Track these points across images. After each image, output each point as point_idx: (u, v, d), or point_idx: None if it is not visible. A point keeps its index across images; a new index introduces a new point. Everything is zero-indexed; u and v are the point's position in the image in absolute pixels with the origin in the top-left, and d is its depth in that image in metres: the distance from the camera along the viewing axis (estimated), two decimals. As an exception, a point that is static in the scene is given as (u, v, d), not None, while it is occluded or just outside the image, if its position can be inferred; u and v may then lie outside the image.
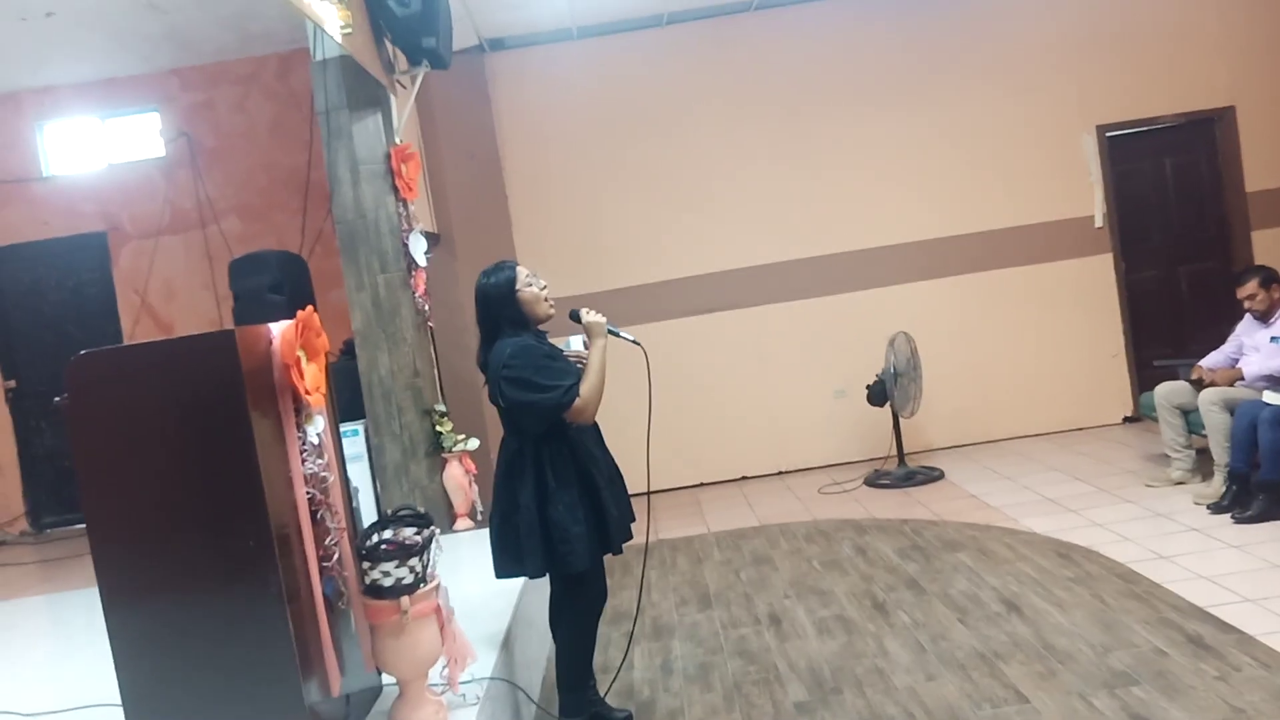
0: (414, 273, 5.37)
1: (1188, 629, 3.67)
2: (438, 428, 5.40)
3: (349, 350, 5.68)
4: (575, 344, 3.28)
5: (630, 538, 3.27)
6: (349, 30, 4.14)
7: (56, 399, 2.58)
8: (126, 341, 7.45)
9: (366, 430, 5.48)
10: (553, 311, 3.22)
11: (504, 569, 3.19)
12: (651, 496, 6.74)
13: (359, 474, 5.53)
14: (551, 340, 3.28)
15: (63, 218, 7.42)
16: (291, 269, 5.97)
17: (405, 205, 5.36)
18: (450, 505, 5.41)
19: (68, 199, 7.43)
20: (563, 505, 3.05)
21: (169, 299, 7.51)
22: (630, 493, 3.32)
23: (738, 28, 7.21)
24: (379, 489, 5.46)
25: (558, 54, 7.18)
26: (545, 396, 3.02)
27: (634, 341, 3.34)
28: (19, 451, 7.63)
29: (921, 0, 7.21)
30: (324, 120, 5.26)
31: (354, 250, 5.34)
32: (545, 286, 3.21)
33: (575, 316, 3.26)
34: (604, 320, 3.23)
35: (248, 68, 7.33)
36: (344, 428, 5.54)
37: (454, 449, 5.39)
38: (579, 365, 3.16)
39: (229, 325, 6.69)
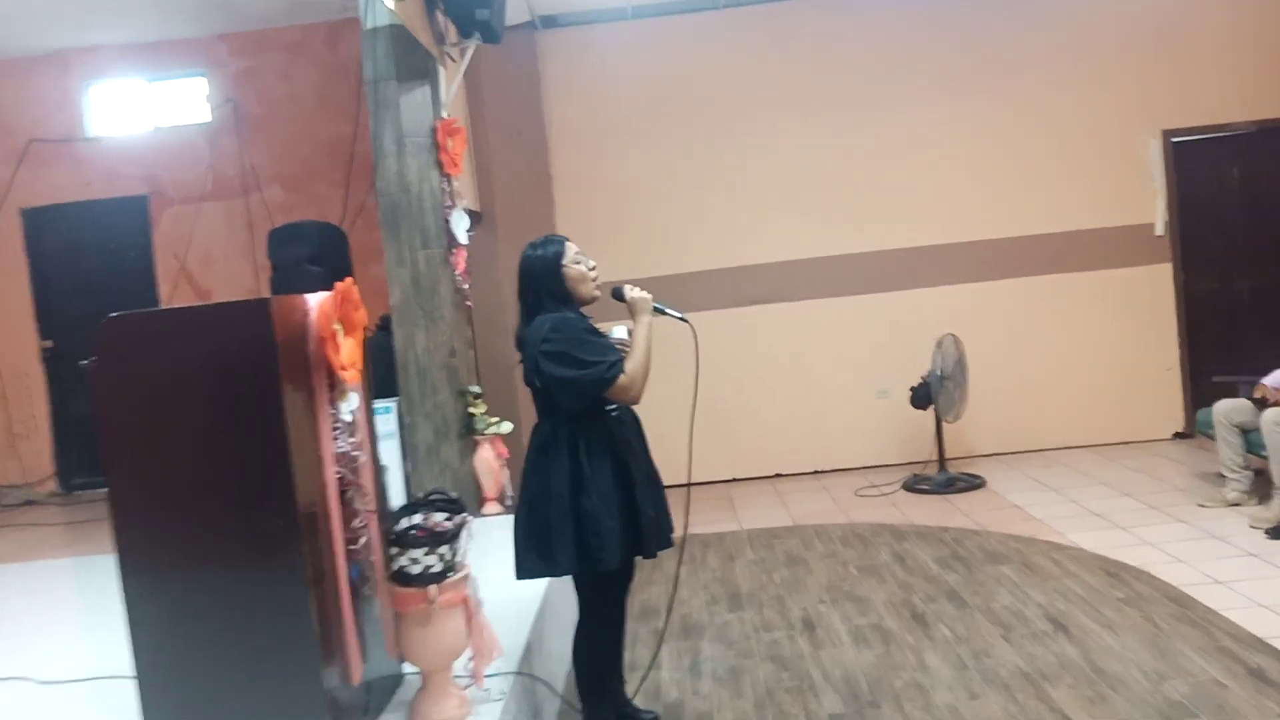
0: (455, 250, 5.26)
1: (1248, 661, 3.48)
2: (471, 409, 5.30)
3: (385, 326, 5.59)
4: (619, 332, 3.11)
5: (668, 545, 3.06)
6: (400, -3, 4.02)
7: (83, 361, 2.50)
8: (163, 307, 7.43)
9: (399, 408, 5.39)
10: (598, 294, 3.07)
11: (528, 567, 2.98)
12: (692, 491, 6.65)
13: (390, 452, 5.44)
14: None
15: (105, 179, 7.39)
16: (331, 240, 5.89)
17: (449, 181, 5.25)
18: (480, 489, 5.31)
19: (111, 161, 7.40)
20: (596, 495, 2.87)
21: (208, 266, 7.47)
22: (669, 483, 3.15)
23: (795, 14, 7.03)
24: (409, 469, 5.37)
25: (611, 33, 7.03)
26: (587, 373, 2.84)
27: (682, 318, 3.16)
28: (53, 412, 7.64)
29: (989, -10, 6.98)
30: (371, 90, 5.15)
31: (396, 225, 5.23)
32: (594, 267, 3.06)
33: (618, 294, 3.10)
34: (649, 296, 3.07)
35: (296, 35, 7.25)
36: (376, 405, 5.46)
37: (486, 431, 5.29)
38: (622, 352, 3.00)
39: (266, 295, 6.64)
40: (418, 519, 2.93)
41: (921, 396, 6.36)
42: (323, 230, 5.89)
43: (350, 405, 2.79)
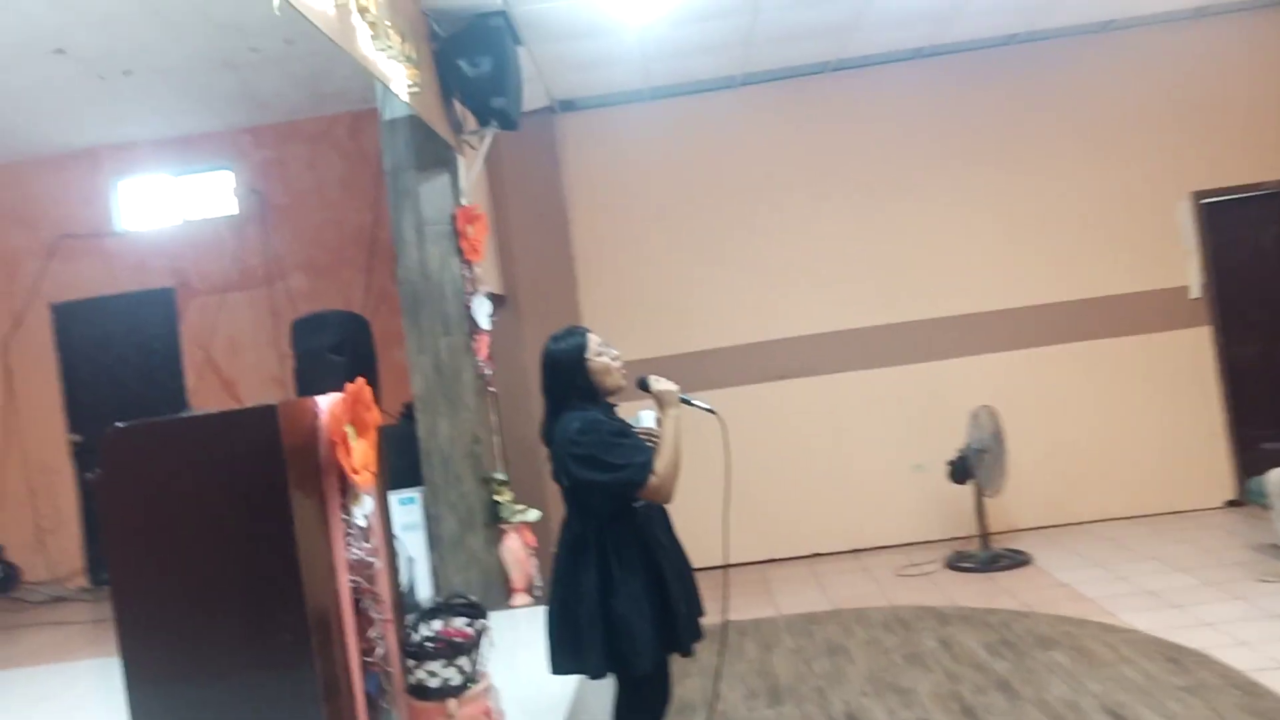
0: (477, 336, 5.21)
1: (1327, 757, 3.25)
2: (496, 497, 5.19)
3: (409, 413, 5.51)
4: (646, 420, 3.02)
5: (701, 638, 2.96)
6: (416, 89, 4.02)
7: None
8: (190, 397, 7.42)
9: (424, 498, 5.29)
10: (624, 384, 2.98)
11: (561, 664, 2.88)
12: (728, 574, 6.46)
13: (415, 544, 5.34)
14: (620, 417, 3.04)
15: (132, 273, 7.45)
16: (353, 329, 5.86)
17: (470, 267, 5.22)
18: (507, 579, 5.17)
19: (138, 254, 7.46)
20: (627, 597, 2.77)
21: (233, 355, 7.47)
22: (704, 565, 3.01)
23: (815, 89, 7.02)
24: (435, 560, 5.24)
25: (630, 115, 7.06)
26: (617, 476, 2.76)
27: (709, 410, 3.07)
28: (81, 505, 7.58)
29: (1008, 61, 6.94)
30: (391, 179, 5.17)
31: (416, 312, 5.20)
32: (618, 356, 2.97)
33: (644, 385, 3.00)
34: (676, 389, 2.97)
35: (320, 126, 7.34)
36: (400, 495, 5.39)
37: (513, 520, 5.17)
38: (650, 443, 2.90)
39: (291, 383, 6.60)
40: (437, 624, 2.81)
41: (960, 470, 6.17)
42: (345, 319, 5.87)
43: (364, 509, 2.70)
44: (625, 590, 2.77)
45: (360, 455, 2.64)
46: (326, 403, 2.61)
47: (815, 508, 6.99)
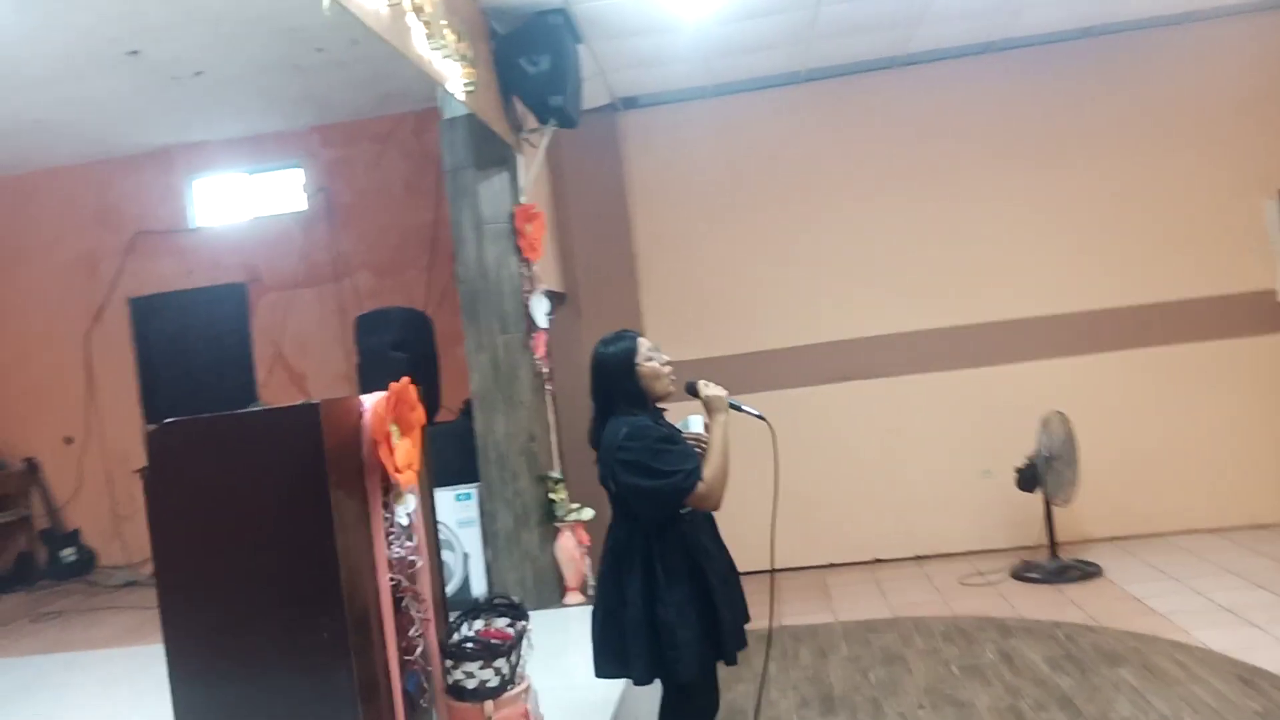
0: (534, 334, 5.21)
1: None
2: (551, 495, 5.19)
3: (469, 410, 5.55)
4: (695, 425, 2.97)
5: (745, 645, 2.91)
6: (472, 88, 4.03)
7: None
8: (259, 391, 7.58)
9: (480, 494, 5.32)
10: (673, 389, 2.94)
11: (605, 669, 2.86)
12: (775, 578, 6.37)
13: (471, 540, 5.37)
14: (669, 420, 3.00)
15: (206, 268, 7.64)
16: (414, 327, 5.91)
17: (528, 265, 5.23)
18: (560, 578, 5.16)
19: (212, 250, 7.65)
20: (672, 605, 2.73)
21: (302, 351, 7.61)
22: (753, 570, 2.95)
23: (880, 83, 6.88)
24: (489, 557, 5.27)
25: (692, 112, 7.00)
26: (665, 483, 2.73)
27: (758, 416, 3.01)
28: (154, 495, 7.80)
29: (1080, 54, 6.71)
30: (450, 178, 5.20)
31: (475, 310, 5.23)
32: (668, 362, 2.93)
33: (692, 389, 2.96)
34: (724, 394, 2.92)
35: (385, 125, 7.43)
36: (458, 490, 5.42)
37: (568, 518, 5.16)
38: (698, 449, 2.86)
39: (356, 380, 6.69)
40: (479, 624, 2.80)
41: (1028, 478, 5.99)
42: (406, 317, 5.92)
43: (407, 508, 2.70)
44: (670, 597, 2.73)
45: (403, 454, 2.64)
46: (370, 402, 2.62)
47: (877, 512, 6.85)
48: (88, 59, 5.60)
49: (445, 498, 5.34)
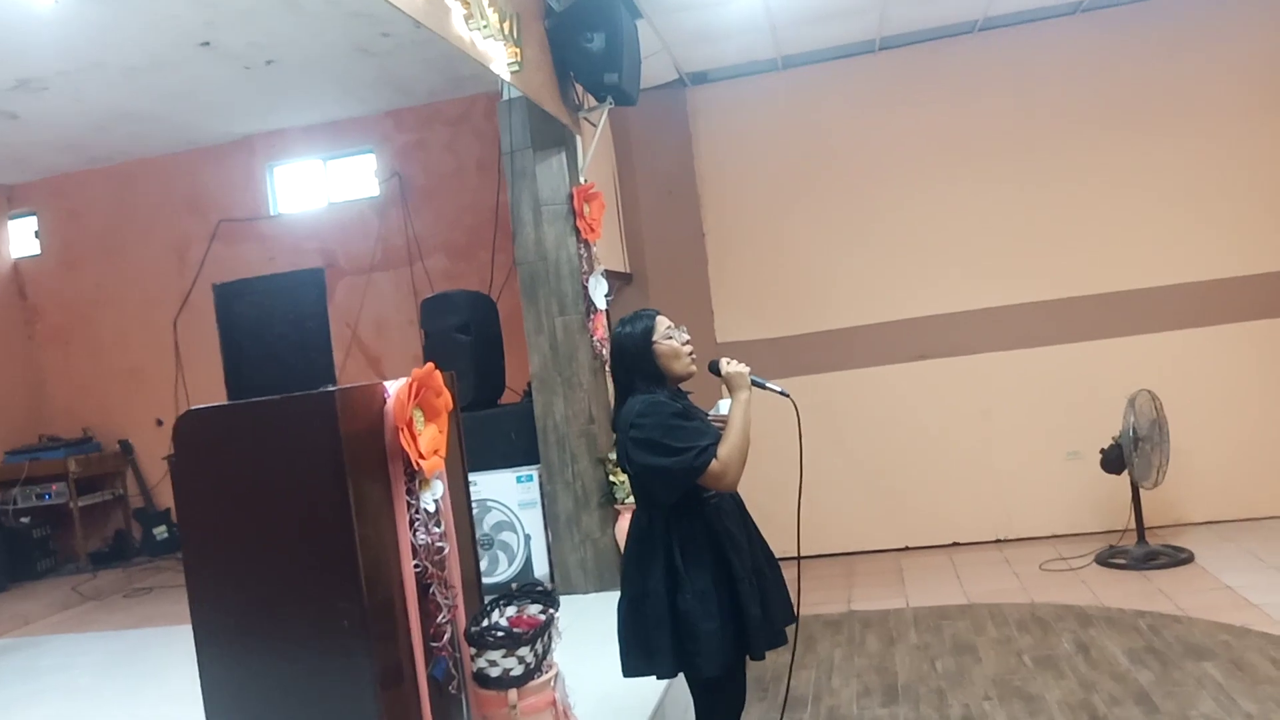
0: (593, 316, 5.17)
1: None
2: (611, 478, 5.15)
3: (530, 392, 5.55)
4: (724, 407, 2.86)
5: (782, 643, 2.77)
6: (517, 68, 3.98)
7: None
8: (338, 373, 7.73)
9: (540, 476, 5.32)
10: (694, 369, 2.83)
11: (632, 666, 2.73)
12: (850, 561, 6.21)
13: (532, 522, 5.38)
14: (700, 406, 2.90)
15: (286, 254, 7.81)
16: (479, 309, 5.92)
17: (587, 246, 5.18)
18: (620, 560, 5.12)
19: (291, 236, 7.81)
20: (692, 594, 2.62)
21: (378, 333, 7.73)
22: (823, 553, 2.81)
23: (958, 50, 6.59)
24: (550, 538, 5.27)
25: (762, 86, 6.83)
26: (676, 460, 2.60)
27: (783, 393, 2.87)
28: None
29: (1181, 9, 6.30)
30: (508, 160, 5.19)
31: (534, 292, 5.22)
32: (688, 341, 2.83)
33: (714, 368, 2.85)
34: (747, 370, 2.79)
35: (458, 108, 7.46)
36: (519, 473, 5.44)
37: (627, 501, 5.12)
38: (719, 427, 2.75)
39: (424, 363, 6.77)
40: (511, 610, 2.78)
41: (1112, 460, 5.72)
42: (471, 300, 5.94)
43: (434, 494, 2.68)
44: (692, 587, 2.62)
45: (428, 440, 2.62)
46: (395, 388, 2.61)
47: (956, 494, 6.63)
48: (165, 53, 5.74)
49: (507, 479, 5.37)
